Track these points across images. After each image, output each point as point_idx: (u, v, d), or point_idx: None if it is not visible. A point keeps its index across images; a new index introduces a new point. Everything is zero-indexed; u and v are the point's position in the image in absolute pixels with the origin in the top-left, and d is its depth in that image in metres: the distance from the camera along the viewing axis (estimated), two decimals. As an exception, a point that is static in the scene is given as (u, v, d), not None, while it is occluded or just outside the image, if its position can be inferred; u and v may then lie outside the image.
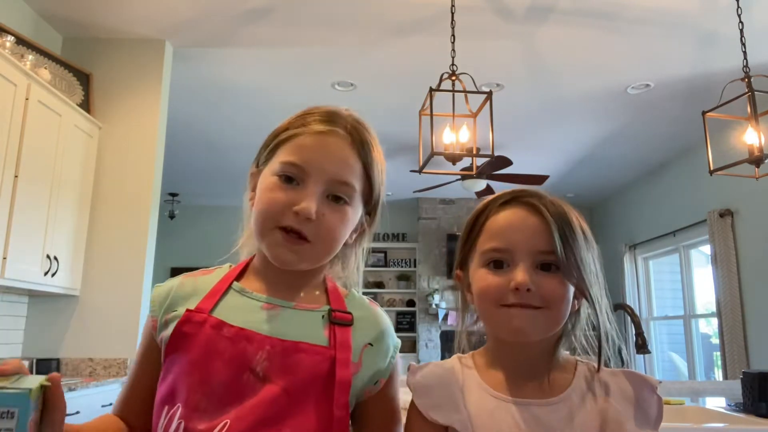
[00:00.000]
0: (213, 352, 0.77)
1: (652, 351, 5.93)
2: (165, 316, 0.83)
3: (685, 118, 4.72)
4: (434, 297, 7.41)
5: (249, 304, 0.83)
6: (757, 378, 1.85)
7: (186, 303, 0.83)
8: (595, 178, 6.66)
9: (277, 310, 0.82)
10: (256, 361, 0.77)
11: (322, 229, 0.80)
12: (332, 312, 0.83)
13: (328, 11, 3.31)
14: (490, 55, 3.77)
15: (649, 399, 0.78)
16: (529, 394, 0.78)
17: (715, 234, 4.99)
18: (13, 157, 2.69)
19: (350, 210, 0.84)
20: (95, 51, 3.59)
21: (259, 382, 0.76)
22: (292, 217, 0.79)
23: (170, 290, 0.86)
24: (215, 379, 0.76)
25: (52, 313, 3.26)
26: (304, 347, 0.78)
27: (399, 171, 6.34)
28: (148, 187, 3.45)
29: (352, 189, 0.83)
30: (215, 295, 0.83)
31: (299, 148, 0.81)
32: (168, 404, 0.76)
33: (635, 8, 3.22)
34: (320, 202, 0.80)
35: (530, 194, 0.82)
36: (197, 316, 0.80)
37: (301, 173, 0.80)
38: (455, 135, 2.83)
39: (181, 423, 0.74)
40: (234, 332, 0.78)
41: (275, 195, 0.80)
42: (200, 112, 4.71)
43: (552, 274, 0.77)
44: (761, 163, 2.58)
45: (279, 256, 0.80)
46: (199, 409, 0.75)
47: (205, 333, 0.79)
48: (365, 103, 4.55)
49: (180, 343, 0.79)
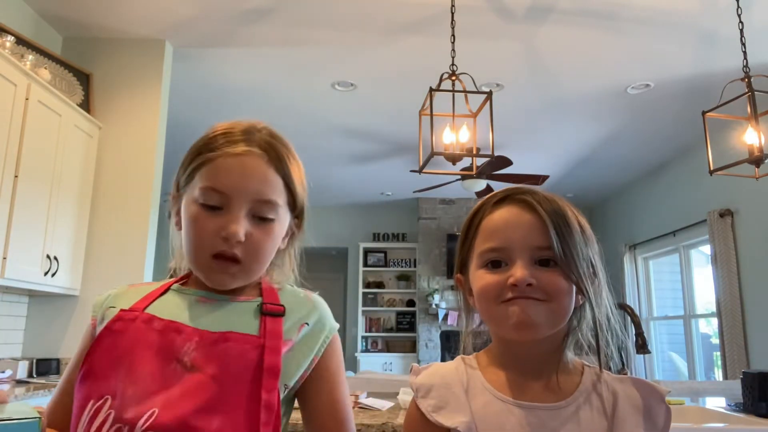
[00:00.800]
0: (142, 345, 0.79)
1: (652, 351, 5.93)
2: (103, 313, 0.87)
3: (685, 118, 4.72)
4: (434, 297, 7.41)
5: (185, 300, 0.86)
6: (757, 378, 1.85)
7: (125, 301, 0.86)
8: (595, 178, 6.66)
9: (212, 303, 0.85)
10: (183, 351, 0.79)
11: (251, 249, 0.83)
12: (264, 304, 0.85)
13: (328, 11, 3.31)
14: (490, 55, 3.77)
15: (657, 408, 0.77)
16: (534, 396, 0.77)
17: (715, 234, 4.99)
18: (13, 157, 2.69)
19: (276, 225, 0.86)
20: (95, 51, 3.59)
21: (187, 371, 0.78)
22: (222, 242, 0.81)
23: (113, 292, 0.90)
24: (142, 369, 0.78)
25: (52, 313, 3.26)
26: (233, 336, 0.80)
27: (399, 171, 6.34)
28: (148, 187, 3.45)
29: (275, 205, 0.85)
30: (152, 296, 0.87)
31: (218, 172, 0.83)
32: (94, 398, 0.77)
33: (635, 8, 3.22)
34: (246, 223, 0.82)
35: (523, 191, 0.81)
36: (129, 314, 0.83)
37: (223, 198, 0.82)
38: (455, 135, 2.83)
39: (111, 413, 0.75)
40: (164, 325, 0.81)
41: (202, 225, 0.82)
42: (200, 112, 4.71)
43: (551, 269, 0.76)
44: (761, 163, 2.58)
45: (215, 280, 0.84)
46: (125, 397, 0.76)
47: (135, 327, 0.81)
48: (365, 103, 4.55)
49: (107, 340, 0.81)
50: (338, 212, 8.06)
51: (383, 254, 8.07)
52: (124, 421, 0.74)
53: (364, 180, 6.86)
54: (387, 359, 7.55)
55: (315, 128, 5.08)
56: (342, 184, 7.04)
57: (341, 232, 8.02)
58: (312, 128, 5.06)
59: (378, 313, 7.95)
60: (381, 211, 8.21)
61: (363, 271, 7.95)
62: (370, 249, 8.07)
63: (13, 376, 2.90)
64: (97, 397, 0.77)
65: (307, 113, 4.74)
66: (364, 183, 7.00)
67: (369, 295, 7.94)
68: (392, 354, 7.66)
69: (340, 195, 7.54)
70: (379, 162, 6.10)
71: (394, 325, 7.92)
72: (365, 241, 8.07)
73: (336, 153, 5.80)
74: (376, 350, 7.77)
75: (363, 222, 8.19)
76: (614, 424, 0.74)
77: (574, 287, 0.77)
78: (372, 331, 7.83)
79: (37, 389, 2.53)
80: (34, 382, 2.80)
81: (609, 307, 0.81)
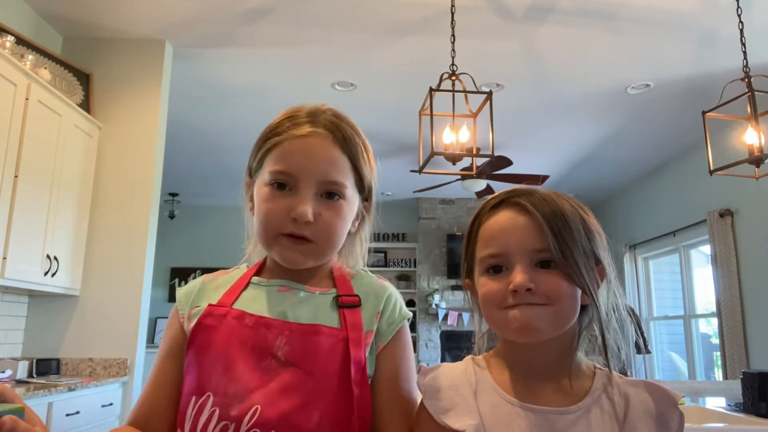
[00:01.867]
0: (236, 341, 0.81)
1: (652, 351, 5.93)
2: (190, 311, 0.87)
3: (685, 118, 4.72)
4: (434, 297, 7.41)
5: (267, 292, 0.87)
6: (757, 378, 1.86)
7: (208, 298, 0.87)
8: (595, 178, 6.66)
9: (291, 291, 0.87)
10: (276, 346, 0.80)
11: (321, 228, 0.83)
12: (339, 297, 0.86)
13: (328, 11, 3.31)
14: (490, 55, 3.77)
15: (670, 414, 0.75)
16: (544, 399, 0.76)
17: (715, 234, 4.99)
18: (13, 157, 2.69)
19: (345, 204, 0.86)
20: (95, 51, 3.59)
21: (281, 366, 0.79)
22: (291, 223, 0.82)
23: (194, 288, 0.91)
24: (240, 366, 0.79)
25: (52, 313, 3.26)
26: (322, 329, 0.81)
27: (399, 171, 6.34)
28: (148, 187, 3.45)
29: (342, 185, 0.85)
30: (236, 290, 0.88)
31: (285, 154, 0.84)
32: (196, 395, 0.79)
33: (635, 8, 3.22)
34: (314, 203, 0.83)
35: (519, 193, 0.80)
36: (219, 309, 0.84)
37: (292, 180, 0.83)
38: (455, 135, 2.83)
39: (215, 410, 0.77)
40: (254, 321, 0.82)
41: (271, 205, 0.83)
42: (200, 112, 4.71)
43: (552, 270, 0.75)
44: (761, 163, 2.59)
45: (287, 258, 0.84)
46: (228, 395, 0.77)
47: (227, 324, 0.82)
48: (365, 103, 4.55)
49: (202, 335, 0.82)
50: (338, 212, 8.05)
51: (383, 254, 8.07)
52: (230, 418, 0.76)
53: (364, 180, 6.85)
54: (387, 359, 7.55)
55: (315, 128, 5.07)
56: (342, 184, 7.03)
57: (341, 232, 8.01)
58: (312, 128, 5.05)
59: (378, 313, 7.94)
60: (381, 211, 8.17)
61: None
62: (370, 249, 8.04)
63: (13, 376, 2.90)
64: (199, 394, 0.79)
65: (307, 113, 4.74)
66: (364, 183, 6.99)
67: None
68: (392, 354, 7.65)
69: (340, 195, 7.54)
70: (379, 162, 6.06)
71: (394, 325, 7.91)
72: (365, 241, 8.07)
73: (336, 153, 5.79)
74: (376, 350, 7.76)
75: (363, 222, 8.18)
76: (625, 428, 0.74)
77: (577, 288, 0.76)
78: (372, 331, 7.83)
79: (37, 389, 2.52)
80: (34, 382, 2.80)
81: (617, 305, 0.80)
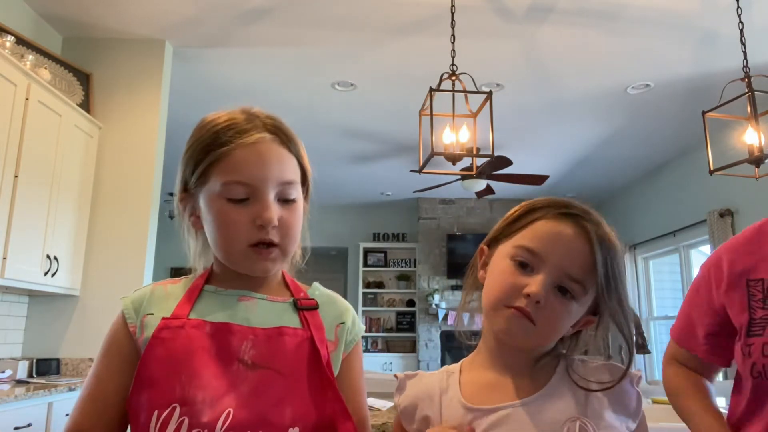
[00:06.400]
0: (198, 349, 0.80)
1: (652, 351, 5.93)
2: (142, 318, 0.85)
3: (685, 118, 4.72)
4: (434, 297, 7.41)
5: (225, 300, 0.87)
6: (757, 378, 1.85)
7: (160, 306, 0.86)
8: (595, 178, 6.66)
9: (252, 301, 0.87)
10: (242, 351, 0.81)
11: (285, 231, 0.85)
12: (297, 300, 0.90)
13: (328, 11, 3.30)
14: (490, 55, 3.77)
15: (629, 391, 0.78)
16: (509, 394, 0.79)
17: (715, 234, 4.99)
18: (13, 157, 2.69)
19: (299, 204, 0.88)
20: (95, 51, 3.58)
21: (250, 369, 0.80)
22: (259, 231, 0.83)
23: (144, 295, 0.88)
24: (205, 373, 0.78)
25: (52, 313, 3.26)
26: (286, 330, 0.84)
27: (399, 171, 6.34)
28: (148, 187, 3.45)
29: (295, 184, 0.87)
30: (189, 300, 0.86)
31: (238, 164, 0.83)
32: (159, 408, 0.76)
33: (635, 8, 3.22)
34: (276, 208, 0.84)
35: (593, 221, 0.80)
36: (174, 321, 0.83)
37: (249, 189, 0.83)
38: (455, 135, 2.83)
39: (184, 420, 0.75)
40: (216, 327, 0.83)
41: (234, 218, 0.82)
42: (200, 112, 4.67)
43: (565, 299, 0.77)
44: (761, 163, 2.59)
45: (258, 269, 0.85)
46: (196, 402, 0.76)
47: (186, 334, 0.81)
48: (365, 103, 4.55)
49: (159, 349, 0.80)
50: (338, 212, 8.05)
51: (383, 254, 8.07)
52: (202, 425, 0.75)
53: (364, 180, 6.86)
54: (387, 359, 7.56)
55: (315, 128, 5.07)
56: (342, 184, 7.03)
57: (341, 232, 8.01)
58: (312, 128, 5.06)
59: (378, 313, 7.95)
60: (381, 211, 8.20)
61: (363, 271, 7.95)
62: (370, 249, 8.07)
63: (13, 376, 2.90)
64: (163, 406, 0.76)
65: (307, 113, 4.74)
66: (364, 183, 7.00)
67: (369, 295, 7.94)
68: (392, 354, 7.66)
69: (340, 195, 7.54)
70: (379, 162, 6.10)
71: (394, 325, 7.91)
72: (365, 241, 8.07)
73: (336, 153, 5.80)
74: (376, 350, 7.77)
75: (363, 222, 8.19)
76: (585, 410, 0.76)
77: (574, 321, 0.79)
78: (372, 331, 7.83)
79: (37, 389, 2.52)
80: (34, 382, 2.80)
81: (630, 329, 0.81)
